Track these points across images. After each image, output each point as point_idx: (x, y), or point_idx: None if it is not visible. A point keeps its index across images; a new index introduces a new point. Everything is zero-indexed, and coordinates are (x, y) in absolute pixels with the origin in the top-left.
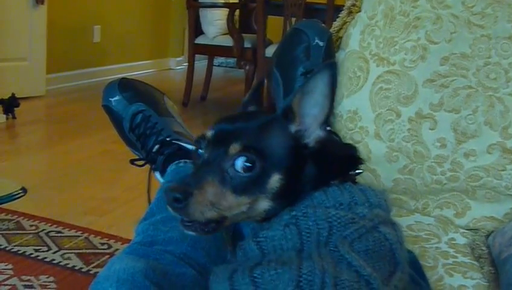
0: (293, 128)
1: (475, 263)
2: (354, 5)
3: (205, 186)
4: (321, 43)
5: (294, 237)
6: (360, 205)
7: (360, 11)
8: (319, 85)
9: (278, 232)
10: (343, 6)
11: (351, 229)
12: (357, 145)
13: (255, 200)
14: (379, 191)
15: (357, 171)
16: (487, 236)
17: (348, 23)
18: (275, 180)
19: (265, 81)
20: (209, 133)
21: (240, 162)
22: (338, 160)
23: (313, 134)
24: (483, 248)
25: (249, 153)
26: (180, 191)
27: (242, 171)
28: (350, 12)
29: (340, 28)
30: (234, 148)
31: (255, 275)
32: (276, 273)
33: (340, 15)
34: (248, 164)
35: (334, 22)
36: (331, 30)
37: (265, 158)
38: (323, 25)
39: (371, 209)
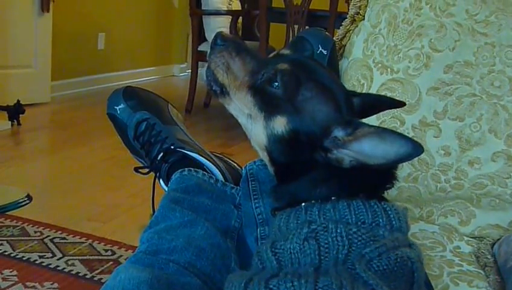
0: (339, 133)
1: (481, 271)
2: (357, 13)
3: (239, 57)
4: (325, 52)
5: (312, 253)
6: (382, 227)
7: (363, 20)
8: (394, 147)
9: (296, 246)
10: (346, 13)
11: (371, 248)
12: None
13: (256, 118)
14: (401, 211)
15: (387, 186)
16: (492, 244)
17: (351, 31)
18: (281, 122)
19: None
20: (288, 52)
21: (276, 77)
22: (367, 173)
23: (340, 156)
24: (489, 257)
25: (287, 78)
26: (224, 39)
27: (269, 83)
28: (353, 21)
29: (344, 36)
30: (283, 66)
31: (270, 286)
32: (293, 286)
33: (343, 23)
34: (277, 84)
35: (337, 30)
36: (334, 38)
37: (293, 101)
38: (327, 33)
39: (391, 232)
